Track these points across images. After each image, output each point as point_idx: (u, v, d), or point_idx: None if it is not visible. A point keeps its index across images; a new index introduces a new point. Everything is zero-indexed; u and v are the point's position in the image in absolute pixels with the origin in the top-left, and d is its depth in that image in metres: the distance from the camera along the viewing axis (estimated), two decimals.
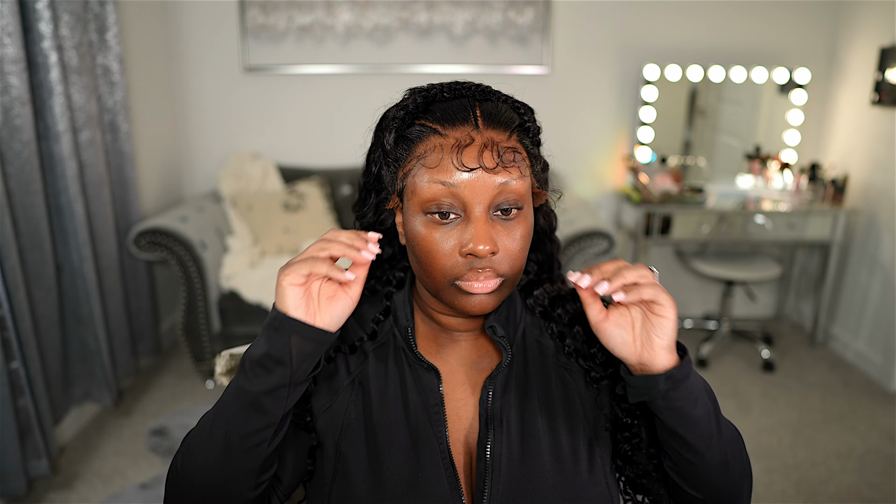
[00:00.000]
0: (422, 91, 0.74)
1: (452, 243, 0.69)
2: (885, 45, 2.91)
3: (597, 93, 3.38)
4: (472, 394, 0.79)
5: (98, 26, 2.44)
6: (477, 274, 0.69)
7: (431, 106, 0.72)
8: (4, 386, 1.86)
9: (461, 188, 0.67)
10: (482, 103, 0.72)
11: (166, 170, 3.20)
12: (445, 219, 0.69)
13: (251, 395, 0.66)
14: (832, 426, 2.58)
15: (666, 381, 0.66)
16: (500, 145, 0.69)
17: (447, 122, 0.70)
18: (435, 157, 0.69)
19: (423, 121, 0.71)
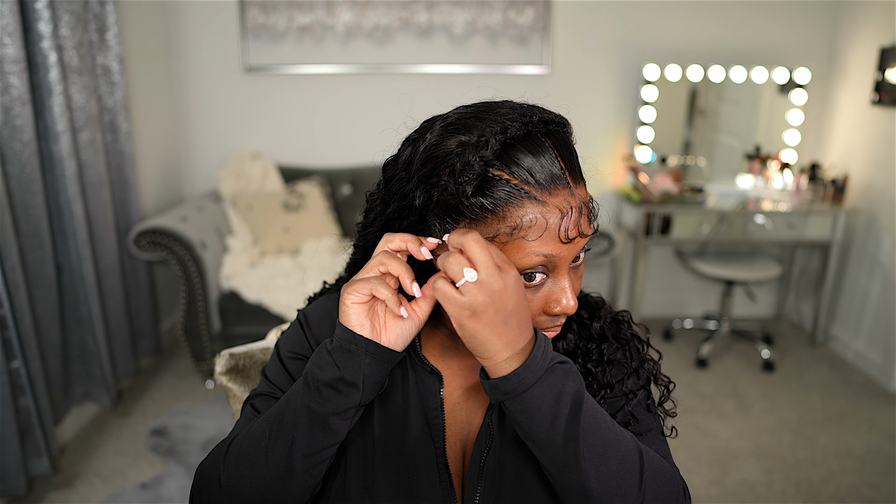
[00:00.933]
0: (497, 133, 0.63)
1: (539, 303, 0.67)
2: (885, 45, 2.91)
3: (597, 93, 3.38)
4: (470, 397, 0.79)
5: (98, 26, 2.44)
6: (556, 325, 0.70)
7: (515, 153, 0.63)
8: (5, 385, 1.86)
9: (560, 256, 0.65)
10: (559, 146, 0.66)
11: (166, 170, 3.20)
12: (532, 280, 0.66)
13: (320, 416, 0.65)
14: (832, 426, 2.58)
15: (492, 389, 0.61)
16: (587, 202, 0.66)
17: (547, 187, 0.63)
18: (537, 230, 0.63)
19: (513, 179, 0.62)
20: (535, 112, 0.66)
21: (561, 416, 0.61)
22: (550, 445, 0.61)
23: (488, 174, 0.63)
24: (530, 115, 0.65)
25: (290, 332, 0.83)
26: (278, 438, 0.66)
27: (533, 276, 0.65)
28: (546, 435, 0.61)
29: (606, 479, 0.62)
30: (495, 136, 0.63)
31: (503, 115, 0.65)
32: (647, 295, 3.67)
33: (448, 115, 0.68)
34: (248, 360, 1.02)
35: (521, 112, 0.65)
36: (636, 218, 3.14)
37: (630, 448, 0.65)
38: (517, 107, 0.67)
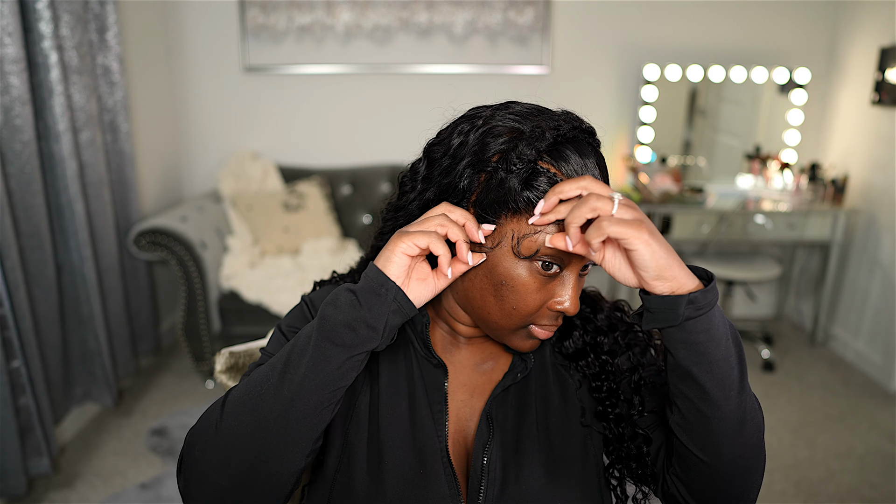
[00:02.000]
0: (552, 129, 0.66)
1: (546, 295, 0.69)
2: (885, 45, 2.91)
3: (597, 93, 3.38)
4: (471, 395, 0.79)
5: (98, 26, 2.44)
6: (554, 325, 0.71)
7: (565, 151, 0.66)
8: (5, 385, 1.86)
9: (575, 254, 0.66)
10: (598, 157, 0.70)
11: (166, 170, 3.20)
12: (548, 270, 0.67)
13: (333, 355, 0.64)
14: (832, 426, 2.58)
15: (687, 305, 0.59)
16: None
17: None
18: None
19: (559, 174, 0.65)
20: (583, 122, 0.70)
21: (732, 336, 0.64)
22: (727, 368, 0.63)
23: (538, 167, 0.65)
24: (580, 122, 0.70)
25: (294, 311, 0.83)
26: (283, 376, 0.64)
27: (550, 265, 0.67)
28: (724, 354, 0.62)
29: (753, 403, 0.66)
30: (549, 130, 0.66)
31: (555, 116, 0.69)
32: None
33: (499, 107, 0.71)
34: (248, 359, 1.02)
35: (572, 118, 0.69)
36: None
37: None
38: (567, 113, 0.71)
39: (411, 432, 0.75)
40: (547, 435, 0.76)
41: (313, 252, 2.96)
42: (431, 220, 0.65)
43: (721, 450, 0.65)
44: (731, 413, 0.64)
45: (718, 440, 0.65)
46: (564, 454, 0.76)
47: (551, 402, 0.79)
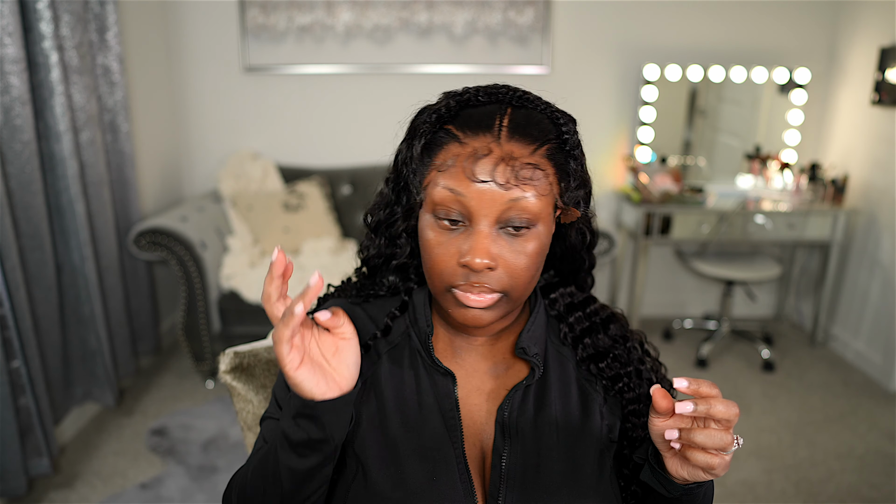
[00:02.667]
0: (456, 95, 0.71)
1: (453, 251, 0.68)
2: (885, 45, 2.91)
3: (597, 93, 3.38)
4: (486, 400, 0.78)
5: (98, 26, 2.44)
6: (472, 287, 0.68)
7: (462, 111, 0.69)
8: (5, 385, 1.86)
9: (469, 198, 0.66)
10: (515, 111, 0.69)
11: (166, 170, 3.20)
12: (454, 225, 0.68)
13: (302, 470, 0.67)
14: (832, 426, 2.58)
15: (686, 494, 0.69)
16: (519, 160, 0.66)
17: (469, 129, 0.67)
18: (450, 163, 0.67)
19: (449, 126, 0.69)
20: (505, 87, 0.71)
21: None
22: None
23: (441, 131, 0.69)
24: (501, 89, 0.71)
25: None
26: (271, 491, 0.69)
27: (455, 221, 0.68)
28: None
29: None
30: (453, 98, 0.70)
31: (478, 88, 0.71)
32: (647, 295, 3.67)
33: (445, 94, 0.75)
34: (253, 359, 1.02)
35: (493, 87, 0.71)
36: (636, 218, 3.14)
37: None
38: (497, 85, 0.72)
39: (424, 441, 0.74)
40: (565, 442, 0.75)
41: (313, 252, 2.96)
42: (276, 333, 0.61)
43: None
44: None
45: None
46: (583, 463, 0.74)
47: (571, 413, 0.77)
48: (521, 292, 0.71)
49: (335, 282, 0.93)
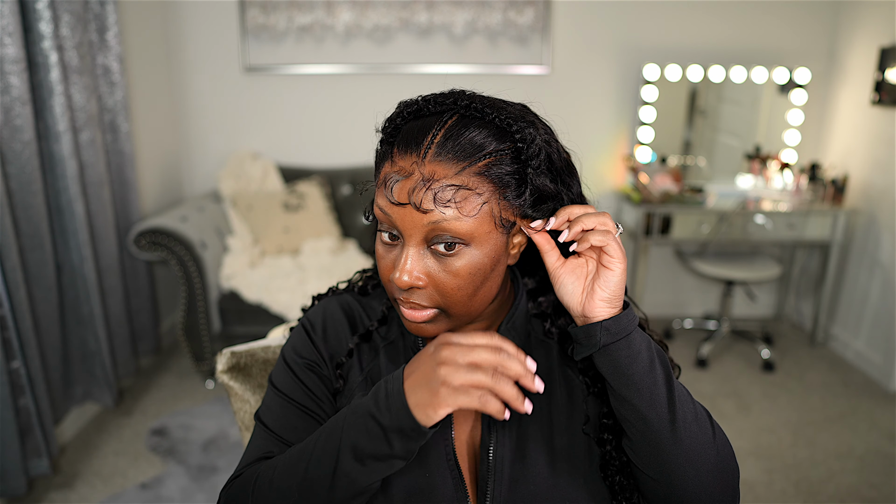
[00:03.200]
0: (407, 105, 0.70)
1: (390, 265, 0.69)
2: (885, 45, 2.91)
3: (597, 93, 3.38)
4: None
5: (98, 26, 2.44)
6: (404, 302, 0.70)
7: (406, 124, 0.69)
8: (5, 385, 1.86)
9: (394, 218, 0.66)
10: (455, 124, 0.66)
11: (166, 170, 3.20)
12: (393, 241, 0.69)
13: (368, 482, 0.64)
14: (832, 426, 2.58)
15: (603, 331, 0.65)
16: (441, 181, 0.64)
17: (402, 147, 0.67)
18: (381, 181, 0.68)
19: (393, 140, 0.69)
20: (466, 98, 0.69)
21: (655, 360, 0.67)
22: (652, 387, 0.66)
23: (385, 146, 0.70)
24: (452, 97, 0.69)
25: (296, 339, 0.83)
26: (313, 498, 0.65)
27: (394, 236, 0.69)
28: (648, 377, 0.66)
29: (690, 422, 0.67)
30: (406, 108, 0.70)
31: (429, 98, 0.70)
32: (647, 295, 3.66)
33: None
34: (250, 359, 1.02)
35: (450, 94, 0.70)
36: (636, 218, 3.14)
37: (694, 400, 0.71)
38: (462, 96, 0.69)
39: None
40: (550, 431, 0.76)
41: (313, 252, 2.96)
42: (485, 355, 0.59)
43: (663, 466, 0.68)
44: (663, 430, 0.66)
45: (659, 457, 0.67)
46: (568, 452, 0.75)
47: (555, 401, 0.78)
48: (460, 309, 0.69)
49: (335, 281, 0.94)
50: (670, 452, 0.66)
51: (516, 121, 0.67)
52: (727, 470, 0.69)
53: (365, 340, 0.82)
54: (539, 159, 0.67)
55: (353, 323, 0.84)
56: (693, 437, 0.67)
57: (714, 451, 0.68)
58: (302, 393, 0.79)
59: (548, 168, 0.69)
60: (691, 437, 0.67)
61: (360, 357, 0.82)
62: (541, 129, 0.70)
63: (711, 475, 0.68)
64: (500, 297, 0.78)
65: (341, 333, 0.83)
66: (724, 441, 0.70)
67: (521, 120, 0.68)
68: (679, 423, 0.66)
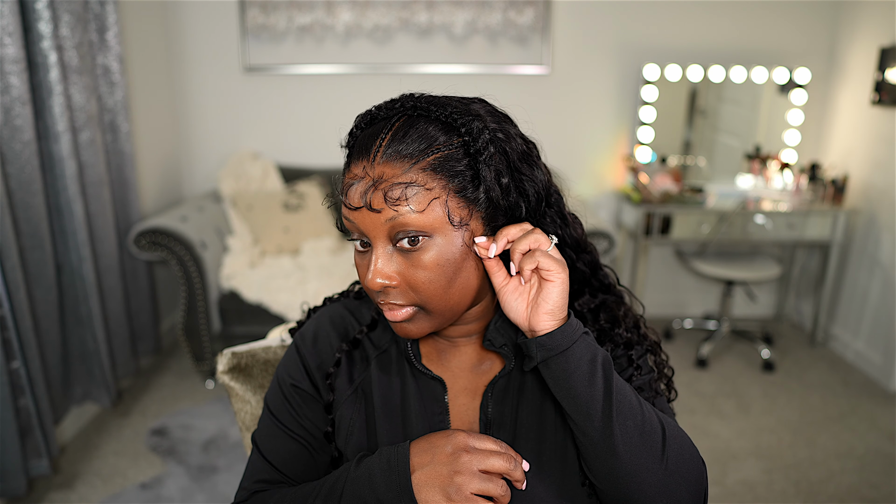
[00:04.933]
0: (364, 116, 0.72)
1: (364, 271, 0.71)
2: (885, 45, 2.91)
3: (597, 93, 3.38)
4: (474, 398, 0.79)
5: (98, 26, 2.44)
6: (386, 302, 0.70)
7: (361, 133, 0.71)
8: (5, 385, 1.86)
9: (357, 223, 0.68)
10: (401, 126, 0.68)
11: (166, 170, 3.20)
12: (364, 247, 0.70)
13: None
14: (832, 426, 2.58)
15: (538, 347, 0.66)
16: (390, 181, 0.65)
17: (355, 155, 0.69)
18: (343, 191, 0.70)
19: (350, 151, 0.71)
20: (412, 99, 0.70)
21: (597, 374, 0.67)
22: (590, 401, 0.66)
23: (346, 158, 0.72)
24: (398, 102, 0.71)
25: (287, 358, 0.84)
26: None
27: (355, 239, 0.71)
28: (585, 391, 0.66)
29: (632, 438, 0.67)
30: (360, 119, 0.72)
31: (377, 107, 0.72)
32: (647, 295, 3.66)
33: None
34: (251, 359, 1.02)
35: (397, 100, 0.71)
36: (636, 218, 3.14)
37: (651, 416, 0.69)
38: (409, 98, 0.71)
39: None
40: (541, 427, 0.76)
41: (313, 252, 2.96)
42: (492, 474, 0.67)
43: (601, 476, 0.69)
44: (599, 442, 0.67)
45: (600, 467, 0.68)
46: (557, 455, 0.75)
47: (546, 407, 0.77)
48: (437, 304, 0.70)
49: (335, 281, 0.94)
50: (610, 464, 0.67)
51: (462, 115, 0.68)
52: (679, 489, 0.68)
53: (354, 347, 0.83)
54: (488, 152, 0.68)
55: (342, 333, 0.85)
56: (633, 453, 0.67)
57: (661, 469, 0.67)
58: (291, 418, 0.81)
59: (502, 160, 0.69)
60: (630, 453, 0.67)
61: (350, 367, 0.82)
62: (489, 122, 0.70)
63: (658, 493, 0.67)
64: (485, 299, 0.77)
65: (332, 343, 0.84)
66: (680, 461, 0.69)
67: (467, 114, 0.69)
68: (617, 439, 0.66)
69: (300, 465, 0.80)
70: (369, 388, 0.80)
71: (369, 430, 0.77)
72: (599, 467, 0.68)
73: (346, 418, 0.79)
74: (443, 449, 0.67)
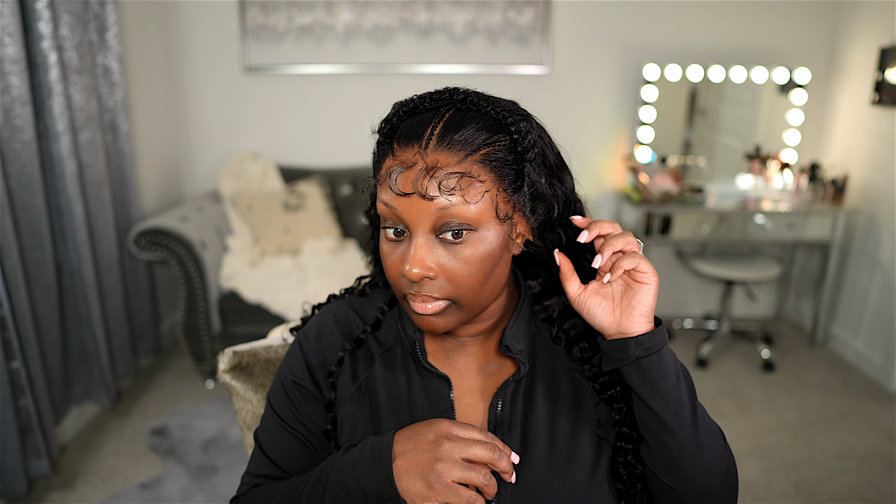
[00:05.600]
0: (403, 105, 0.71)
1: (398, 261, 0.69)
2: (885, 45, 2.91)
3: (597, 93, 3.38)
4: (480, 399, 0.78)
5: (98, 26, 2.44)
6: (416, 295, 0.69)
7: (404, 122, 0.70)
8: (5, 386, 1.86)
9: (400, 210, 0.67)
10: (452, 116, 0.68)
11: (166, 170, 3.20)
12: (399, 236, 0.69)
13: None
14: (832, 426, 2.58)
15: (637, 345, 0.66)
16: (444, 169, 0.65)
17: (402, 141, 0.68)
18: (384, 177, 0.69)
19: (392, 138, 0.70)
20: (460, 92, 0.70)
21: (681, 374, 0.69)
22: (679, 400, 0.68)
23: (384, 145, 0.71)
24: (446, 93, 0.70)
25: (290, 356, 0.84)
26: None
27: (399, 231, 0.69)
28: (675, 390, 0.67)
29: (708, 436, 0.70)
30: (402, 107, 0.71)
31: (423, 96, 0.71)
32: None
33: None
34: (252, 359, 1.02)
35: (445, 91, 0.71)
36: (636, 218, 3.14)
37: (707, 414, 0.72)
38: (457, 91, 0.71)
39: None
40: (554, 435, 0.75)
41: (313, 252, 2.96)
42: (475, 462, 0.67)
43: (683, 475, 0.70)
44: (688, 441, 0.68)
45: (681, 466, 0.70)
46: (572, 456, 0.74)
47: (560, 406, 0.77)
48: (470, 299, 0.70)
49: (335, 281, 0.94)
50: (690, 461, 0.69)
51: (511, 113, 0.69)
52: (732, 473, 0.73)
53: (358, 346, 0.82)
54: (534, 151, 0.69)
55: (346, 331, 0.84)
56: (711, 447, 0.70)
57: (726, 459, 0.72)
58: (292, 414, 0.81)
59: (542, 162, 0.71)
60: (710, 447, 0.70)
61: (353, 365, 0.81)
62: (534, 123, 0.72)
63: (720, 479, 0.71)
64: (504, 295, 0.78)
65: (336, 342, 0.83)
66: (730, 455, 0.74)
67: (515, 113, 0.70)
68: (701, 435, 0.69)
69: (300, 461, 0.80)
70: (373, 385, 0.79)
71: (374, 428, 0.77)
72: (688, 467, 0.69)
73: (349, 416, 0.79)
74: (425, 437, 0.66)
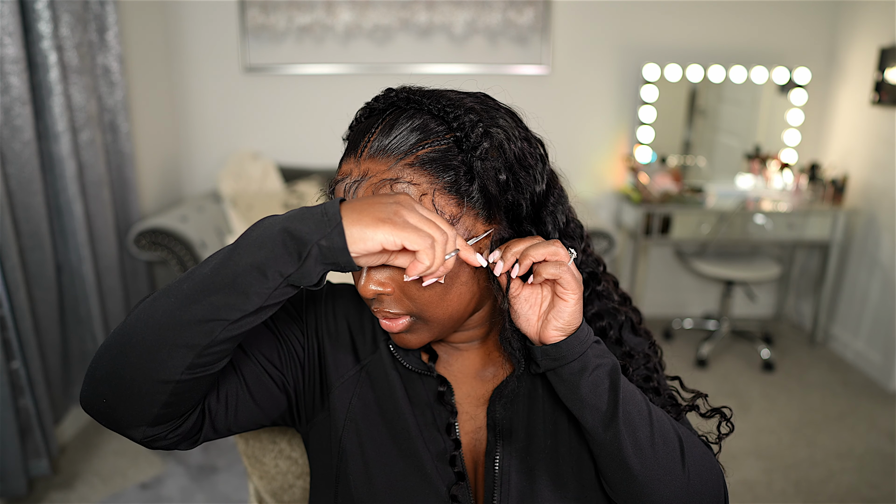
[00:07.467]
0: (363, 109, 0.69)
1: (356, 277, 0.66)
2: (885, 45, 2.91)
3: (597, 93, 3.38)
4: (479, 405, 0.77)
5: (98, 26, 2.44)
6: (378, 312, 0.67)
7: (353, 129, 0.69)
8: (5, 386, 1.86)
9: None
10: (388, 120, 0.65)
11: (166, 170, 3.20)
12: None
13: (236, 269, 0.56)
14: (832, 426, 2.58)
15: (542, 356, 0.66)
16: (375, 177, 0.62)
17: (347, 151, 0.66)
18: (332, 189, 0.67)
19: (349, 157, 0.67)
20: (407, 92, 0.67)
21: (602, 383, 0.66)
22: (595, 409, 0.65)
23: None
24: (392, 95, 0.68)
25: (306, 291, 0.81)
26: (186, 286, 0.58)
27: None
28: (591, 399, 0.65)
29: (644, 448, 0.65)
30: (361, 113, 0.69)
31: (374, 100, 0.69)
32: (647, 295, 3.67)
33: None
34: None
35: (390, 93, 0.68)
36: (636, 218, 3.14)
37: (666, 426, 0.68)
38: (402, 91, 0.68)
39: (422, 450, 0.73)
40: (556, 432, 0.74)
41: None
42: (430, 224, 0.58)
43: (618, 486, 0.68)
44: (606, 443, 0.66)
45: (610, 475, 0.68)
46: (575, 473, 0.73)
47: (561, 422, 0.75)
48: (435, 312, 0.66)
49: (335, 280, 0.93)
50: (621, 474, 0.66)
51: (455, 108, 0.64)
52: (702, 501, 0.68)
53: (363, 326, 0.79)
54: (483, 147, 0.63)
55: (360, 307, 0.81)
56: (646, 464, 0.65)
57: (683, 481, 0.66)
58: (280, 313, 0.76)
59: (500, 156, 0.65)
60: (643, 463, 0.65)
61: (354, 345, 0.78)
62: (485, 116, 0.66)
63: (678, 495, 0.66)
64: (487, 304, 0.73)
65: (350, 309, 0.79)
66: (702, 471, 0.68)
67: (460, 107, 0.64)
68: (626, 448, 0.65)
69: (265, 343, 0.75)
70: (376, 372, 0.76)
71: (371, 424, 0.75)
72: (612, 476, 0.67)
73: (345, 397, 0.76)
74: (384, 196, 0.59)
